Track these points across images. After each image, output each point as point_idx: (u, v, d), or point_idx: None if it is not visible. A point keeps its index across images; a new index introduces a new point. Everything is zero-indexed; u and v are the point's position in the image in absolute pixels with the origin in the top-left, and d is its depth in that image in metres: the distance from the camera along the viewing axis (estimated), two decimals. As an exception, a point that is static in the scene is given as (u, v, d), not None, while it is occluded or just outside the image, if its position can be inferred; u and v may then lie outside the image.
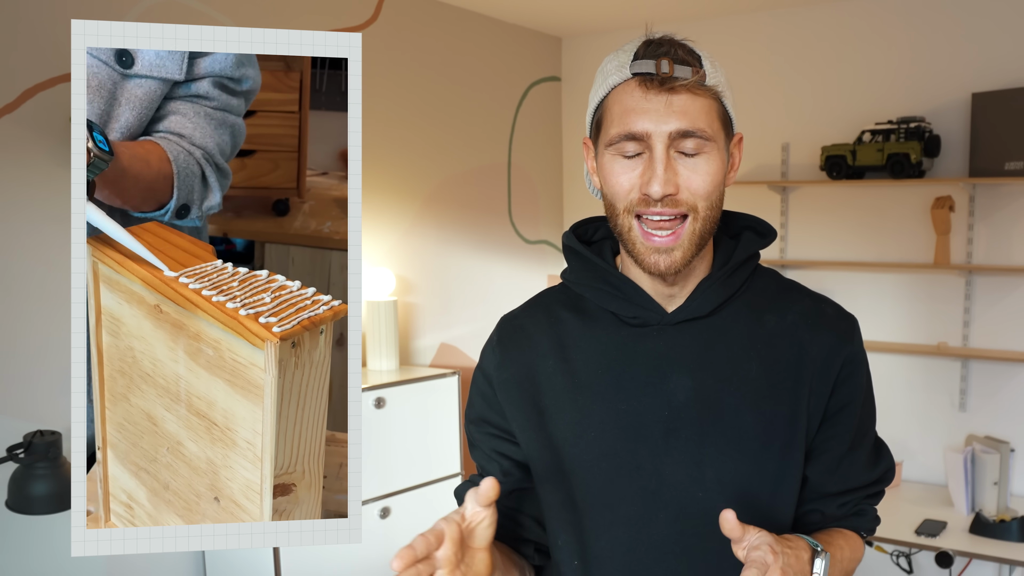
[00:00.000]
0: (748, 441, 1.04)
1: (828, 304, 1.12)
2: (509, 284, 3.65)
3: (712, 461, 1.03)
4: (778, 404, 1.05)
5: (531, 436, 1.10)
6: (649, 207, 0.99)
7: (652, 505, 1.05)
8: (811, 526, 1.12)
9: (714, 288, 1.07)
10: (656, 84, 0.97)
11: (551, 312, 1.13)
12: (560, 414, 1.08)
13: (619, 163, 1.01)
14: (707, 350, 1.06)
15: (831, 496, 1.11)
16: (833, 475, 1.10)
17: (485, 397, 1.16)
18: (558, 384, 1.08)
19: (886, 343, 3.23)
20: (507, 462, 1.15)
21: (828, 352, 1.07)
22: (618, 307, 1.08)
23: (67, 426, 2.03)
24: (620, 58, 1.02)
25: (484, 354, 1.17)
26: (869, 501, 1.15)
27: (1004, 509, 2.81)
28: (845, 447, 1.10)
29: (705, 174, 0.99)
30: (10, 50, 2.08)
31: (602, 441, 1.05)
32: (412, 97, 3.17)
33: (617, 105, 1.00)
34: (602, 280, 1.10)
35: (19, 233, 2.11)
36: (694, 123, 0.97)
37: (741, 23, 3.47)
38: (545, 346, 1.10)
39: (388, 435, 2.62)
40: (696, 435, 1.04)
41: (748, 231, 1.12)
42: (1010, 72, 2.99)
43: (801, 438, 1.06)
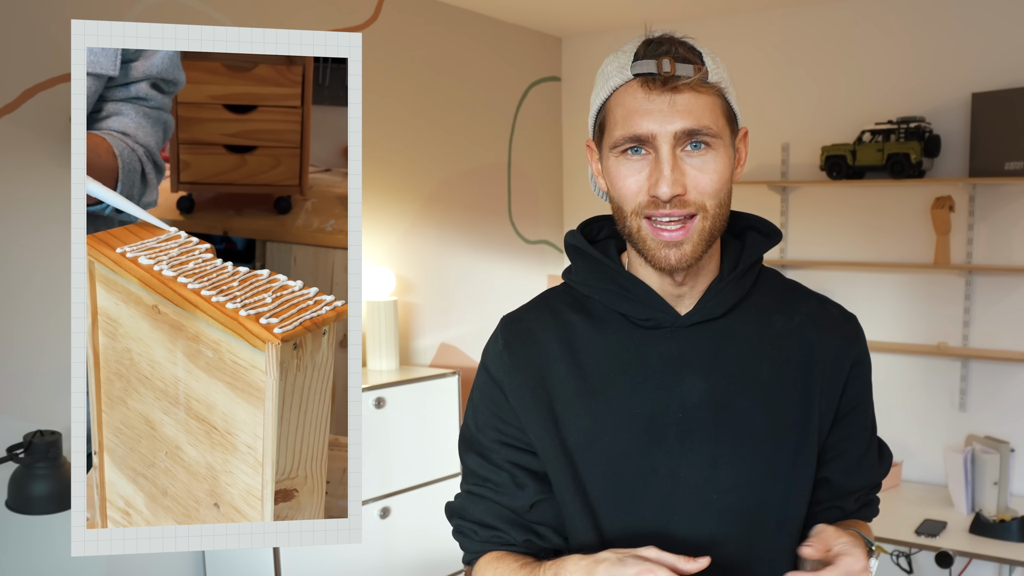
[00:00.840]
0: (761, 442, 1.04)
1: (832, 305, 1.14)
2: (509, 284, 3.65)
3: (726, 462, 1.04)
4: (790, 405, 1.06)
5: (548, 443, 1.08)
6: (658, 208, 0.98)
7: (668, 508, 1.04)
8: (830, 522, 1.12)
9: (726, 290, 1.07)
10: (659, 84, 0.96)
11: (558, 314, 1.11)
12: (573, 419, 1.06)
13: (625, 165, 1.00)
14: (719, 352, 1.06)
15: (850, 493, 1.14)
16: (855, 473, 1.12)
17: (495, 402, 1.12)
18: (570, 389, 1.07)
19: (886, 343, 3.23)
20: (522, 473, 1.11)
21: (837, 353, 1.08)
22: (629, 309, 1.07)
23: (67, 426, 2.03)
24: (620, 59, 1.01)
25: (490, 358, 1.13)
26: (874, 491, 1.18)
27: (1004, 509, 2.81)
28: (863, 446, 1.12)
29: (713, 172, 0.98)
30: (10, 50, 2.08)
31: (616, 445, 1.05)
32: (412, 97, 3.17)
33: (620, 107, 0.99)
34: (611, 281, 1.08)
35: (19, 233, 2.10)
36: (699, 121, 0.97)
37: (741, 23, 3.47)
38: (555, 350, 1.09)
39: (388, 435, 2.62)
40: (711, 437, 1.04)
41: (752, 231, 1.12)
42: (1010, 72, 2.99)
43: (813, 438, 1.07)
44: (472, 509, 1.13)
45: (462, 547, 1.16)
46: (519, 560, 1.07)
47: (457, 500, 1.16)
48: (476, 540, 1.13)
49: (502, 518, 1.11)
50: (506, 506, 1.11)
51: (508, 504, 1.11)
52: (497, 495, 1.12)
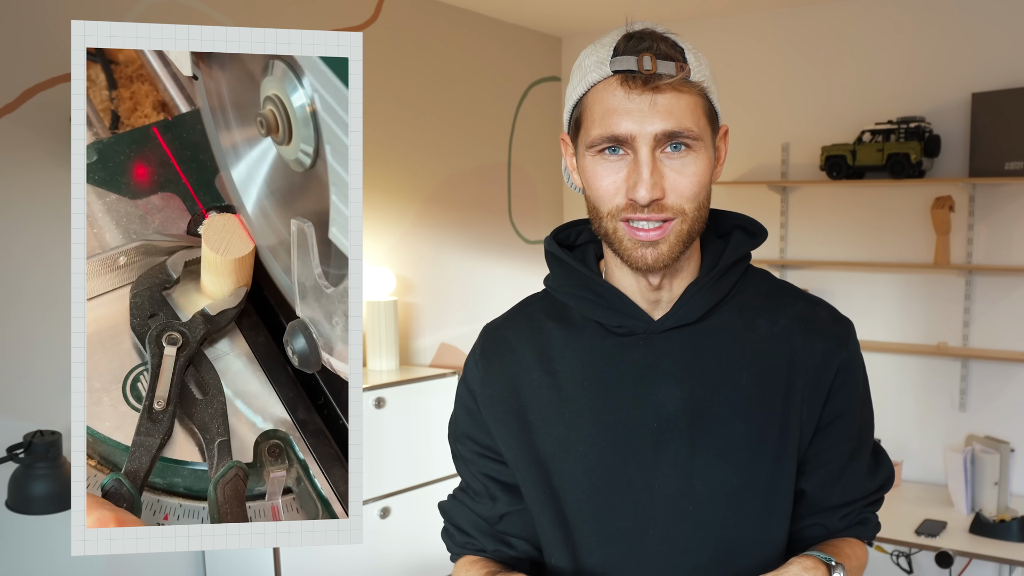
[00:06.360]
0: (739, 452, 1.00)
1: (823, 307, 1.07)
2: (509, 284, 3.65)
3: (702, 473, 1.00)
4: (769, 412, 1.00)
5: (518, 453, 1.06)
6: (636, 212, 0.94)
7: (643, 520, 1.01)
8: (814, 540, 1.08)
9: (702, 293, 1.02)
10: (639, 82, 0.92)
11: (534, 322, 1.09)
12: (547, 428, 1.04)
13: (602, 165, 0.96)
14: (696, 358, 1.01)
15: (833, 508, 1.07)
16: (834, 487, 1.06)
17: (470, 412, 1.11)
18: (544, 398, 1.04)
19: (886, 343, 3.23)
20: (494, 485, 1.11)
21: (822, 358, 1.02)
22: (602, 316, 1.03)
23: (67, 426, 2.03)
24: (599, 53, 0.96)
25: (467, 367, 1.12)
26: (870, 509, 1.11)
27: (1004, 509, 2.81)
28: (845, 458, 1.06)
29: (692, 175, 0.94)
30: (10, 50, 2.08)
31: (590, 455, 1.02)
32: (412, 97, 3.17)
33: (598, 105, 0.95)
34: (585, 288, 1.05)
35: (19, 233, 2.10)
36: (680, 123, 0.92)
37: (741, 23, 3.47)
38: (529, 358, 1.06)
39: (388, 435, 2.62)
40: (686, 447, 1.00)
41: (738, 231, 1.07)
42: (1010, 72, 2.99)
43: (793, 447, 1.02)
44: (454, 513, 1.16)
45: (447, 547, 1.19)
46: (485, 568, 1.07)
47: (447, 501, 1.19)
48: (455, 544, 1.16)
49: (475, 526, 1.13)
50: (479, 515, 1.13)
51: (481, 513, 1.13)
52: (473, 503, 1.14)
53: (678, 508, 1.00)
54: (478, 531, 1.13)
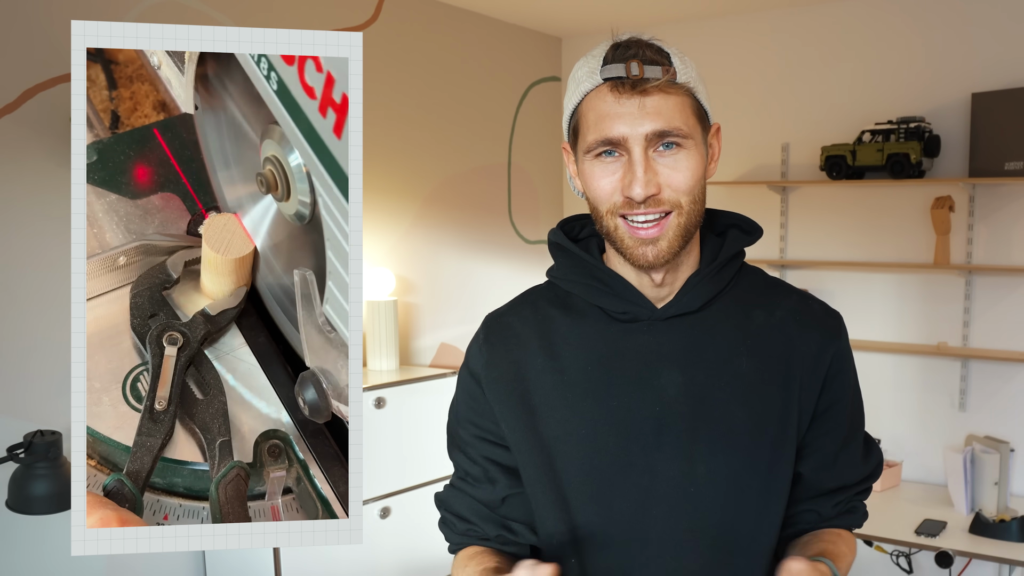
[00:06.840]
0: (739, 436, 1.04)
1: (815, 301, 1.14)
2: (509, 284, 3.65)
3: (703, 456, 1.03)
4: (768, 399, 1.05)
5: (521, 436, 1.09)
6: (633, 209, 1.00)
7: (645, 502, 1.04)
8: (806, 525, 1.13)
9: (703, 284, 1.07)
10: (628, 87, 0.98)
11: (538, 309, 1.13)
12: (550, 412, 1.07)
13: (599, 168, 1.02)
14: (697, 345, 1.06)
15: (826, 494, 1.12)
16: (829, 471, 1.11)
17: (473, 397, 1.14)
18: (547, 382, 1.08)
19: (886, 343, 3.23)
20: (494, 468, 1.13)
21: (817, 349, 1.08)
22: (607, 302, 1.08)
23: (67, 426, 2.03)
24: (590, 63, 1.02)
25: (470, 352, 1.16)
26: (859, 497, 1.16)
27: (1004, 509, 2.81)
28: (839, 443, 1.11)
29: (685, 170, 1.00)
30: (10, 50, 2.08)
31: (593, 438, 1.05)
32: (412, 97, 3.17)
33: (591, 112, 1.01)
34: (590, 276, 1.09)
35: (19, 232, 2.11)
36: (669, 122, 0.98)
37: (741, 23, 3.47)
38: (534, 344, 1.10)
39: (388, 435, 2.62)
40: (687, 431, 1.04)
41: (734, 229, 1.13)
42: (1010, 72, 2.99)
43: (792, 433, 1.06)
44: (452, 502, 1.17)
45: (445, 537, 1.19)
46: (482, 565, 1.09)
47: (443, 491, 1.20)
48: (455, 532, 1.17)
49: (476, 512, 1.14)
50: (480, 500, 1.14)
51: (481, 498, 1.14)
52: (473, 489, 1.15)
53: (680, 490, 1.04)
54: (479, 517, 1.14)
